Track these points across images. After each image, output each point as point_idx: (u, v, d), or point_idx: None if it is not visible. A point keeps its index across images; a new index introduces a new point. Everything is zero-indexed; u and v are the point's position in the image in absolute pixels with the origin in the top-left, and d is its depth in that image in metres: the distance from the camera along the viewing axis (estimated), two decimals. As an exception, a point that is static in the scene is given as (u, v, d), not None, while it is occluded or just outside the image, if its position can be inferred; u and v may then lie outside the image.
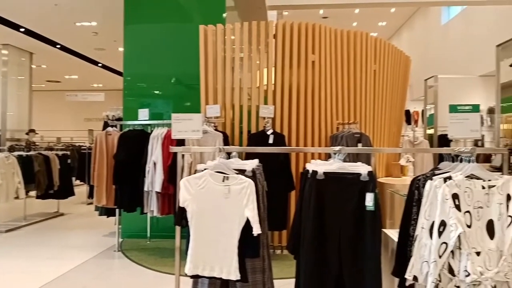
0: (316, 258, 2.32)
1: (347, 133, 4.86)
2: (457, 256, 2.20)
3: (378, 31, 15.01)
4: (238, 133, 4.90)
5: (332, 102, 5.11)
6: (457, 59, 11.51)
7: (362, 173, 2.33)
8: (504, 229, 2.21)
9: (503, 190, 2.24)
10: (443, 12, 12.28)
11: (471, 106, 2.39)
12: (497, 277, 2.18)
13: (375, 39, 5.47)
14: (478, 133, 2.37)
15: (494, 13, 9.73)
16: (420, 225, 2.30)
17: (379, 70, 5.50)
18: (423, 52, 13.48)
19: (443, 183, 2.24)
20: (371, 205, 2.27)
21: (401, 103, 6.37)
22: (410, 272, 2.27)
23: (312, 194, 2.35)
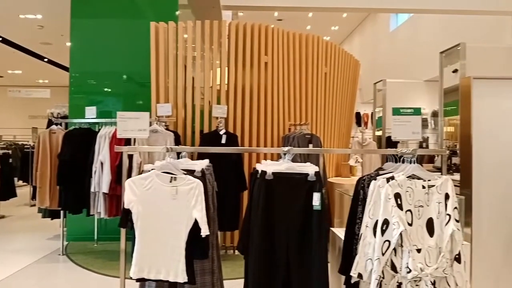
0: (264, 258, 2.32)
1: (298, 134, 4.93)
2: (399, 253, 2.28)
3: (331, 35, 15.39)
4: (191, 132, 4.84)
5: (284, 103, 5.16)
6: (404, 64, 12.02)
7: (309, 173, 2.36)
8: (442, 226, 2.32)
9: (442, 190, 2.35)
10: (392, 19, 12.78)
11: (412, 109, 2.49)
12: (436, 272, 2.28)
13: (326, 42, 5.59)
14: (419, 135, 2.47)
15: (438, 21, 10.26)
16: (364, 223, 2.36)
17: (329, 73, 5.62)
18: (373, 57, 13.96)
19: (386, 183, 2.31)
20: (317, 204, 2.31)
21: (350, 105, 6.55)
22: (355, 269, 2.33)
23: (260, 194, 2.35)
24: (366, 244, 2.33)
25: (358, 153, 5.78)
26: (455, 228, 2.28)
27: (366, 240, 2.33)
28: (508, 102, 3.01)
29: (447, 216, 2.30)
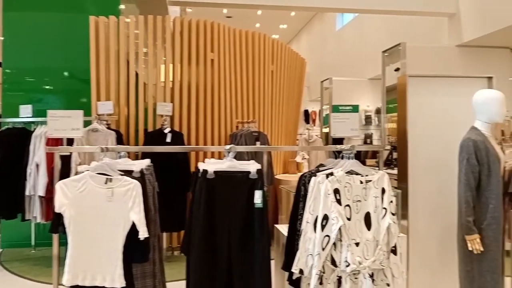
0: (205, 258, 2.28)
1: (246, 131, 4.92)
2: (338, 247, 2.33)
3: (280, 33, 15.55)
4: (134, 131, 4.68)
5: (232, 100, 5.14)
6: (350, 62, 12.38)
7: (251, 171, 2.35)
8: (379, 220, 2.39)
9: (379, 184, 2.42)
10: (338, 18, 13.11)
11: (351, 106, 2.54)
12: (373, 265, 2.35)
13: (272, 40, 5.62)
14: (357, 131, 2.53)
15: (382, 21, 10.66)
16: (305, 219, 2.39)
17: (276, 71, 5.66)
18: (321, 55, 14.26)
19: (326, 179, 2.35)
20: (259, 202, 2.30)
21: (297, 103, 6.64)
22: (296, 265, 2.35)
23: (202, 194, 2.31)
24: (306, 239, 2.36)
25: (303, 150, 5.87)
26: (391, 221, 2.36)
27: (307, 235, 2.36)
28: (441, 99, 3.16)
29: (383, 210, 2.38)
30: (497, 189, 2.59)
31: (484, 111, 2.67)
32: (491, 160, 2.59)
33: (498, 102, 2.65)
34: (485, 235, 2.57)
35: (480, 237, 2.57)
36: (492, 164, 2.59)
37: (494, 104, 2.65)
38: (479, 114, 2.70)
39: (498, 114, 2.65)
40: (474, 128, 2.70)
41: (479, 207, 2.60)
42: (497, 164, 2.61)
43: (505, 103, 2.67)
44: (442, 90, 3.18)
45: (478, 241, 2.56)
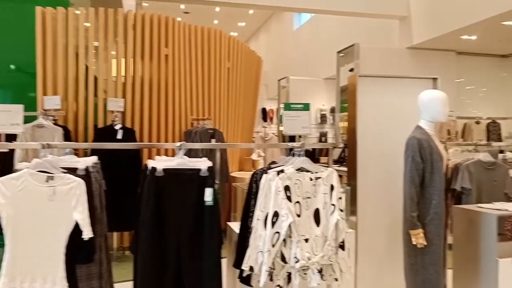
0: (153, 257, 2.23)
1: (201, 129, 4.87)
2: (288, 244, 2.35)
3: (238, 31, 15.52)
4: (83, 127, 4.51)
5: (187, 97, 5.06)
6: (306, 62, 12.56)
7: (202, 168, 2.32)
8: (328, 216, 2.43)
9: (328, 181, 2.47)
10: (295, 18, 13.27)
11: (302, 104, 2.57)
12: (322, 261, 2.39)
13: (229, 37, 5.59)
14: (308, 129, 2.56)
15: (337, 22, 10.89)
16: (256, 217, 2.39)
17: (232, 68, 5.64)
18: (278, 54, 14.37)
19: (277, 176, 2.37)
20: (210, 200, 2.28)
21: (254, 101, 6.65)
22: (247, 263, 2.35)
23: (150, 192, 2.26)
24: (257, 237, 2.36)
25: (259, 147, 5.90)
26: (339, 217, 2.41)
27: (257, 233, 2.36)
28: (390, 99, 3.26)
29: (332, 206, 2.42)
30: (440, 185, 2.71)
31: (428, 110, 2.79)
32: (434, 158, 2.70)
33: (441, 102, 2.77)
34: (428, 230, 2.69)
35: (424, 231, 2.68)
36: (435, 162, 2.71)
37: (437, 104, 2.77)
38: (423, 114, 2.81)
39: (441, 114, 2.78)
40: (418, 127, 2.81)
41: (423, 202, 2.71)
42: (439, 161, 2.72)
43: (447, 103, 2.80)
44: (391, 90, 3.29)
45: (422, 235, 2.67)
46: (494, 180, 3.30)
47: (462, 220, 2.95)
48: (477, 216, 2.80)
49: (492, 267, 2.71)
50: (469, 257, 2.87)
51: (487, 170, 3.30)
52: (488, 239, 2.75)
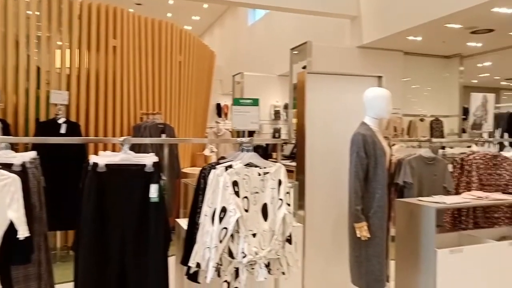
0: (96, 256, 2.16)
1: (150, 123, 4.76)
2: (236, 239, 2.34)
3: (192, 25, 15.30)
4: (24, 121, 4.26)
5: (136, 90, 4.93)
6: (261, 58, 12.61)
7: (147, 164, 2.26)
8: (276, 211, 2.45)
9: (276, 176, 2.49)
10: (250, 14, 13.27)
11: (251, 100, 2.56)
12: (269, 255, 2.41)
13: (180, 30, 5.50)
14: (257, 125, 2.56)
15: (291, 19, 11.00)
16: (203, 212, 2.37)
17: (184, 62, 5.55)
18: (233, 50, 14.33)
19: (225, 171, 2.36)
20: (155, 196, 2.23)
21: (206, 96, 6.59)
22: (194, 259, 2.32)
23: (91, 188, 2.18)
24: (204, 233, 2.34)
25: (212, 143, 5.86)
26: (287, 211, 2.44)
27: (205, 229, 2.34)
28: (337, 95, 3.33)
29: (279, 201, 2.45)
30: (383, 180, 2.81)
31: (372, 107, 2.88)
32: (378, 153, 2.80)
33: (385, 99, 2.87)
34: (371, 223, 2.78)
35: (367, 224, 2.77)
36: (379, 157, 2.80)
37: (381, 101, 2.86)
38: (368, 110, 2.90)
39: (385, 111, 2.87)
40: (363, 123, 2.90)
41: (367, 196, 2.80)
42: (383, 157, 2.82)
43: (391, 101, 2.90)
44: (338, 87, 3.36)
45: (366, 228, 2.76)
46: (434, 175, 3.47)
47: (403, 213, 3.08)
48: (417, 209, 2.93)
49: (431, 257, 2.85)
50: (410, 248, 3.01)
51: (428, 165, 3.46)
52: (427, 230, 2.88)
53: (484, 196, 3.15)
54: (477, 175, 3.60)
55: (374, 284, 2.80)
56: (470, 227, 3.63)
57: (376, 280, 2.80)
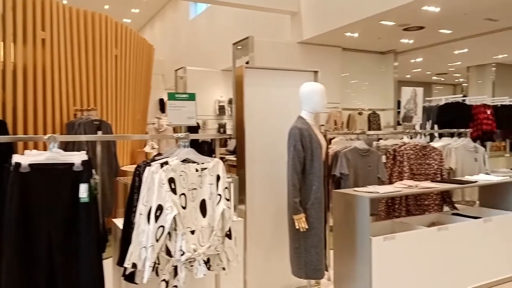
0: (21, 262, 2.02)
1: (85, 120, 4.53)
2: (173, 237, 2.30)
3: (132, 18, 14.82)
4: None
5: (68, 86, 4.67)
6: (204, 53, 12.47)
7: (75, 162, 2.15)
8: (214, 206, 2.43)
9: (214, 172, 2.46)
10: (191, 7, 13.06)
11: (187, 94, 2.51)
12: (209, 251, 2.38)
13: (116, 23, 5.28)
14: (194, 120, 2.52)
15: (233, 14, 10.96)
16: (138, 211, 2.30)
17: (120, 56, 5.35)
18: (175, 44, 14.05)
19: (160, 168, 2.30)
20: (85, 196, 2.12)
21: (145, 91, 6.40)
22: (129, 260, 2.25)
23: (14, 190, 2.03)
24: (140, 232, 2.27)
25: (149, 139, 5.71)
26: (225, 206, 2.43)
27: (140, 228, 2.27)
28: (275, 90, 3.35)
29: (218, 196, 2.43)
30: (319, 172, 2.87)
31: (308, 101, 2.93)
32: (314, 146, 2.86)
33: (319, 94, 2.93)
34: (309, 214, 2.84)
35: (305, 216, 2.83)
36: (315, 150, 2.86)
37: (316, 96, 2.92)
38: (304, 105, 2.95)
39: (320, 104, 2.94)
40: (300, 117, 2.94)
41: (304, 188, 2.85)
42: (319, 150, 2.89)
43: (325, 95, 2.97)
44: (276, 82, 3.38)
45: (304, 220, 2.81)
46: (368, 166, 3.62)
47: (340, 204, 3.18)
48: (353, 199, 3.04)
49: (366, 245, 2.97)
50: (347, 237, 3.11)
51: (362, 156, 3.60)
52: (362, 219, 3.00)
53: (414, 185, 3.33)
54: (408, 165, 3.80)
55: (313, 273, 2.87)
56: (403, 214, 3.84)
57: (315, 269, 2.87)
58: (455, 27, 8.75)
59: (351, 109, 10.52)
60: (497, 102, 7.46)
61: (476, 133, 6.66)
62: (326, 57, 10.03)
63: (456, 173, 4.22)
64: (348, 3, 7.98)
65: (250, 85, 3.24)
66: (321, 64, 9.55)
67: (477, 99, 7.33)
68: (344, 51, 10.43)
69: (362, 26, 8.28)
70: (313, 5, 8.91)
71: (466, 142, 4.35)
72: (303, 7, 9.11)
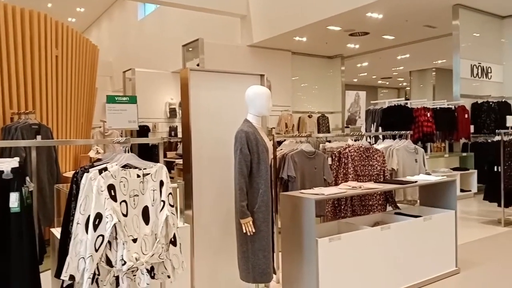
0: None
1: (23, 124, 4.28)
2: (114, 246, 2.20)
3: (77, 17, 14.26)
4: None
5: (4, 88, 4.39)
6: (153, 54, 12.22)
7: (4, 170, 2.01)
8: (157, 213, 2.36)
9: (157, 177, 2.39)
10: (140, 8, 12.77)
11: (128, 97, 2.43)
12: (152, 259, 2.31)
13: (56, 22, 5.04)
14: (136, 123, 2.44)
15: (182, 15, 10.82)
16: (76, 220, 2.19)
17: (61, 56, 5.10)
18: (123, 45, 13.67)
19: (99, 174, 2.20)
20: (15, 206, 1.99)
21: (89, 93, 6.14)
22: (66, 272, 2.13)
23: None
24: (77, 242, 2.16)
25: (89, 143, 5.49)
26: (169, 213, 2.36)
27: (78, 238, 2.16)
28: (220, 93, 3.31)
29: (162, 202, 2.36)
30: (266, 175, 2.88)
31: (253, 105, 2.93)
32: (260, 150, 2.86)
33: (264, 97, 2.94)
34: (256, 217, 2.83)
35: (253, 219, 2.82)
36: (261, 153, 2.86)
37: (261, 99, 2.93)
38: (250, 108, 2.95)
39: (265, 108, 2.94)
40: (246, 120, 2.94)
41: (251, 192, 2.84)
42: (265, 153, 2.89)
43: (270, 98, 2.98)
44: (224, 85, 3.35)
45: (251, 223, 2.80)
46: (314, 168, 3.68)
47: (288, 206, 3.21)
48: (299, 201, 3.07)
49: (312, 247, 3.01)
50: (294, 239, 3.14)
51: (309, 159, 3.66)
52: (308, 221, 3.04)
53: (358, 186, 3.42)
54: (352, 167, 3.91)
55: (260, 277, 2.87)
56: (349, 215, 3.94)
57: (263, 273, 2.86)
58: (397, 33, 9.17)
59: (301, 112, 10.73)
60: (437, 105, 7.87)
61: (417, 135, 6.99)
62: (277, 61, 10.16)
63: (398, 173, 4.39)
64: (296, 8, 8.12)
65: (196, 88, 3.19)
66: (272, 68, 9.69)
67: (418, 102, 7.69)
68: (293, 55, 10.61)
69: (310, 30, 8.47)
70: (262, 9, 8.99)
71: (407, 144, 4.55)
72: (252, 11, 9.17)
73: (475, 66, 7.98)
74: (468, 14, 7.74)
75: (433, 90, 13.91)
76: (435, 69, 13.85)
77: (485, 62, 8.15)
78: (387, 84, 18.74)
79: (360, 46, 10.47)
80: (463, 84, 7.81)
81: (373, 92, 18.11)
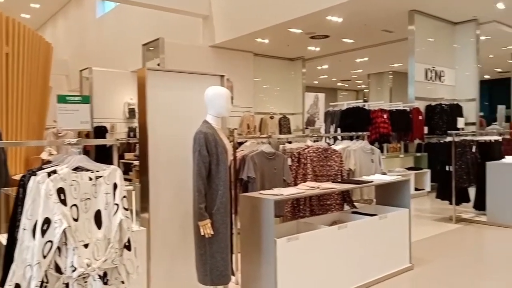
0: None
1: (-32, 125, 4.04)
2: (63, 252, 2.12)
3: (32, 13, 13.68)
4: None
5: None
6: (112, 53, 11.90)
7: None
8: (111, 217, 2.29)
9: (110, 180, 2.32)
10: (98, 5, 12.42)
11: (81, 97, 2.35)
12: (105, 265, 2.23)
13: (6, 18, 4.80)
14: (89, 124, 2.36)
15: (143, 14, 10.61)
16: (22, 226, 2.08)
17: (12, 54, 4.87)
18: (80, 43, 13.25)
19: (47, 177, 2.10)
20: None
21: (43, 92, 5.89)
22: (11, 280, 2.03)
23: None
24: (24, 249, 2.05)
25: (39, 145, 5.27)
26: (123, 216, 2.29)
27: (24, 244, 2.06)
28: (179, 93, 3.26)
29: (115, 206, 2.29)
30: (225, 176, 2.86)
31: (212, 105, 2.90)
32: (219, 151, 2.84)
33: (224, 98, 2.92)
34: (215, 219, 2.81)
35: (211, 221, 2.79)
36: (220, 155, 2.84)
37: (220, 99, 2.91)
38: (209, 108, 2.92)
39: (224, 108, 2.93)
40: (205, 121, 2.91)
41: (210, 193, 2.81)
42: (224, 154, 2.87)
43: (230, 99, 2.97)
44: (183, 86, 3.30)
45: (209, 225, 2.77)
46: (274, 169, 3.69)
47: (247, 207, 3.20)
48: (258, 202, 3.08)
49: (271, 247, 3.02)
50: (253, 240, 3.14)
51: (269, 159, 3.67)
52: (267, 222, 3.05)
53: (316, 186, 3.47)
54: (311, 167, 3.96)
55: (218, 279, 2.84)
56: (308, 215, 3.99)
57: (221, 275, 2.84)
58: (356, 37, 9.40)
59: (263, 113, 10.78)
60: (393, 107, 8.13)
61: (374, 136, 7.18)
62: (239, 62, 10.16)
63: (355, 173, 4.49)
64: (258, 10, 8.15)
65: (154, 88, 3.12)
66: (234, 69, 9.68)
67: (375, 104, 7.91)
68: (255, 57, 10.65)
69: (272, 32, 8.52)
70: (225, 10, 8.96)
71: (364, 145, 4.66)
72: (215, 11, 9.12)
73: (429, 70, 8.31)
74: (423, 20, 8.05)
75: (390, 92, 14.37)
76: (392, 72, 14.32)
77: (439, 66, 8.50)
78: (346, 86, 19.18)
79: (320, 49, 10.65)
80: (417, 87, 8.11)
81: (333, 94, 18.49)
